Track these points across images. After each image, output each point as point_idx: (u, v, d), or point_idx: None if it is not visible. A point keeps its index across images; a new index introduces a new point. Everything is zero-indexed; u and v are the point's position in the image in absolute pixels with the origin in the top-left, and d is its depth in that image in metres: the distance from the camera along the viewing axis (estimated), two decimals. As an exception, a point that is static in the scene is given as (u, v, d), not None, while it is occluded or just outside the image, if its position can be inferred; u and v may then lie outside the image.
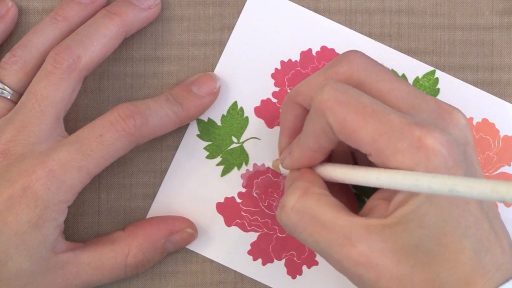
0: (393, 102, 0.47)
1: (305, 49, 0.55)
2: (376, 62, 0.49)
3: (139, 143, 0.51)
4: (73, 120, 0.55)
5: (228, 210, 0.55)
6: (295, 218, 0.47)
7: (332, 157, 0.51)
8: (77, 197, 0.50)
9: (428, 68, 0.55)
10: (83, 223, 0.55)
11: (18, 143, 0.50)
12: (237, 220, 0.55)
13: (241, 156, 0.55)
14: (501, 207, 0.55)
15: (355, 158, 0.52)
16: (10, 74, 0.52)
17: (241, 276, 0.55)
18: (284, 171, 0.52)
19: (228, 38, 0.55)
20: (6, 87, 0.52)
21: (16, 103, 0.52)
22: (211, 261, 0.55)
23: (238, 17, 0.55)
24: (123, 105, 0.51)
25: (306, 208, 0.46)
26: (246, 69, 0.55)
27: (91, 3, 0.53)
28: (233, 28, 0.55)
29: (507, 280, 0.45)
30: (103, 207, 0.55)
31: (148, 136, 0.51)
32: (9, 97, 0.52)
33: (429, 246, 0.44)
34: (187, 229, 0.54)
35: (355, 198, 0.53)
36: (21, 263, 0.49)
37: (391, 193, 0.46)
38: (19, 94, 0.52)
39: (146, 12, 0.53)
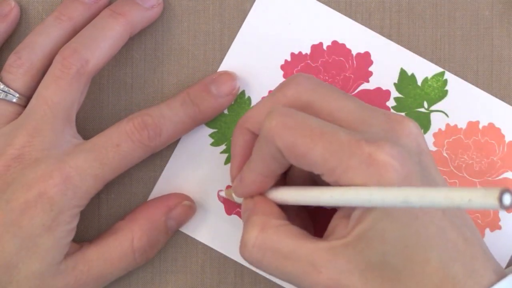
0: (342, 120, 0.47)
1: (316, 42, 0.55)
2: (322, 82, 0.49)
3: (155, 151, 0.52)
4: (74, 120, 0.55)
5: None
6: (258, 255, 0.47)
7: (290, 183, 0.51)
8: (77, 197, 0.51)
9: (438, 69, 0.55)
10: (83, 223, 0.55)
11: (33, 148, 0.50)
12: (238, 209, 0.55)
13: None
14: (501, 213, 0.55)
15: (316, 181, 0.51)
16: (16, 78, 0.52)
17: (241, 276, 0.55)
18: (237, 199, 0.51)
19: (228, 38, 0.55)
20: (12, 91, 0.52)
21: (23, 106, 0.52)
22: (211, 261, 0.55)
23: (238, 17, 0.55)
24: (138, 115, 0.51)
25: (267, 243, 0.46)
26: (256, 59, 0.55)
27: (95, 3, 0.53)
28: (233, 28, 0.55)
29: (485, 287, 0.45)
30: (103, 207, 0.55)
31: (163, 145, 0.52)
32: (16, 101, 0.52)
33: (394, 261, 0.44)
34: (184, 202, 0.54)
35: (311, 220, 0.53)
36: (31, 266, 0.49)
37: (350, 211, 0.46)
38: (26, 98, 0.52)
39: (150, 12, 0.54)
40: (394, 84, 0.55)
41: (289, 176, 0.51)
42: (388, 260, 0.44)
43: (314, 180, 0.51)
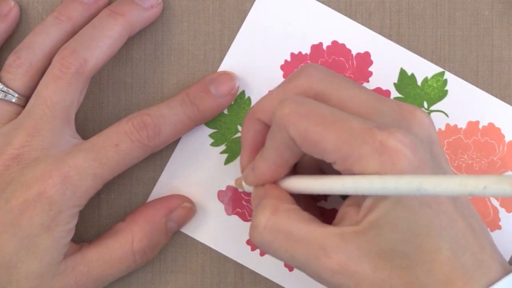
0: (354, 109, 0.47)
1: (316, 42, 0.55)
2: (333, 72, 0.49)
3: (154, 151, 0.52)
4: (74, 120, 0.55)
5: (229, 199, 0.55)
6: (268, 237, 0.47)
7: (298, 172, 0.51)
8: (77, 197, 0.51)
9: (438, 69, 0.55)
10: (83, 223, 0.55)
11: (32, 148, 0.50)
12: (238, 209, 0.55)
13: None
14: (501, 212, 0.55)
15: (324, 171, 0.51)
16: (15, 78, 0.52)
17: (241, 276, 0.55)
18: (247, 188, 0.51)
19: (228, 38, 0.55)
20: (11, 91, 0.52)
21: (22, 106, 0.52)
22: (211, 261, 0.55)
23: (238, 17, 0.55)
24: (138, 114, 0.52)
25: (279, 226, 0.46)
26: (256, 59, 0.55)
27: (94, 3, 0.53)
28: (233, 28, 0.55)
29: (491, 280, 0.45)
30: (103, 207, 0.55)
31: (163, 144, 0.52)
32: (16, 101, 0.52)
33: (405, 249, 0.44)
34: (184, 204, 0.54)
35: (318, 210, 0.53)
36: (31, 266, 0.49)
37: (360, 199, 0.46)
38: (25, 98, 0.52)
39: (149, 12, 0.54)
40: (394, 84, 0.55)
41: (298, 167, 0.51)
42: (399, 248, 0.44)
43: (322, 171, 0.51)
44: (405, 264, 0.44)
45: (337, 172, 0.46)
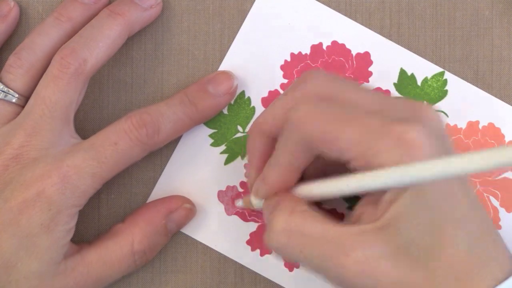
0: (366, 108, 0.47)
1: (316, 42, 0.55)
2: (338, 76, 0.49)
3: (153, 150, 0.52)
4: (74, 120, 0.55)
5: (229, 199, 0.55)
6: (284, 239, 0.46)
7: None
8: (77, 197, 0.51)
9: (438, 69, 0.55)
10: (83, 223, 0.55)
11: (31, 148, 0.50)
12: (238, 210, 0.55)
13: (245, 146, 0.55)
14: (501, 212, 0.55)
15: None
16: (16, 78, 0.52)
17: (241, 276, 0.55)
18: (257, 204, 0.51)
19: (228, 38, 0.55)
20: (12, 91, 0.52)
21: (22, 106, 0.52)
22: (211, 261, 0.55)
23: (238, 17, 0.55)
24: (137, 113, 0.51)
25: (294, 227, 0.46)
26: (255, 59, 0.55)
27: (94, 3, 0.53)
28: (233, 28, 0.55)
29: (506, 273, 0.45)
30: (103, 207, 0.55)
31: (162, 143, 0.52)
32: (16, 102, 0.52)
33: (424, 243, 0.44)
34: (184, 205, 0.54)
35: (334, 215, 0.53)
36: (30, 266, 0.49)
37: (377, 196, 0.46)
38: (25, 98, 0.52)
39: (148, 12, 0.54)
40: (394, 84, 0.55)
41: (304, 177, 0.51)
42: (417, 242, 0.44)
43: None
44: (424, 258, 0.44)
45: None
